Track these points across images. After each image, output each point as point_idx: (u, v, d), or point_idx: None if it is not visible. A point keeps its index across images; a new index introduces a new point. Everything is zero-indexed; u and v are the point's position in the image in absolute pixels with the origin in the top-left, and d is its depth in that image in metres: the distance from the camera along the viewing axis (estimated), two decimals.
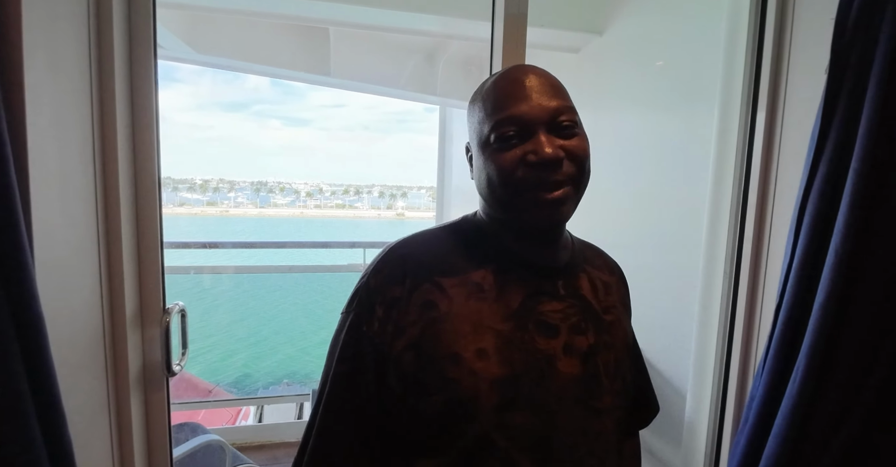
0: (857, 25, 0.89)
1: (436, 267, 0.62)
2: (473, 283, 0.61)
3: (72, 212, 0.79)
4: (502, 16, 0.99)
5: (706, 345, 1.34)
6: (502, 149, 0.59)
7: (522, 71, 0.62)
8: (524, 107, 0.58)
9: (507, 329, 0.60)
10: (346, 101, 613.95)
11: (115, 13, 0.85)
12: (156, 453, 0.94)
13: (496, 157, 0.59)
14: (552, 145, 0.57)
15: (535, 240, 0.65)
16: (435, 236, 0.67)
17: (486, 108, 0.61)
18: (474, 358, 0.57)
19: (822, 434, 0.89)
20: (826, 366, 0.88)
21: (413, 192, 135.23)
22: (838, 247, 0.87)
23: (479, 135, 0.62)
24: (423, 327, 0.58)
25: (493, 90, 0.61)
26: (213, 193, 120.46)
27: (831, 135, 0.91)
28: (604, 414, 0.63)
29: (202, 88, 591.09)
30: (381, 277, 0.61)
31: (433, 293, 0.60)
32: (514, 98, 0.59)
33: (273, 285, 5.91)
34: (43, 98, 0.71)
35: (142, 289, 0.93)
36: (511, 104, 0.59)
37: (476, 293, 0.61)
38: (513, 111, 0.58)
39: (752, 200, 1.18)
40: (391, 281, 0.60)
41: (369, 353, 0.59)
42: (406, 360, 0.58)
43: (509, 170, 0.58)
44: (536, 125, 0.58)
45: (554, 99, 0.59)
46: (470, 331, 0.59)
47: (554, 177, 0.58)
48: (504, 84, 0.61)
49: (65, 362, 0.74)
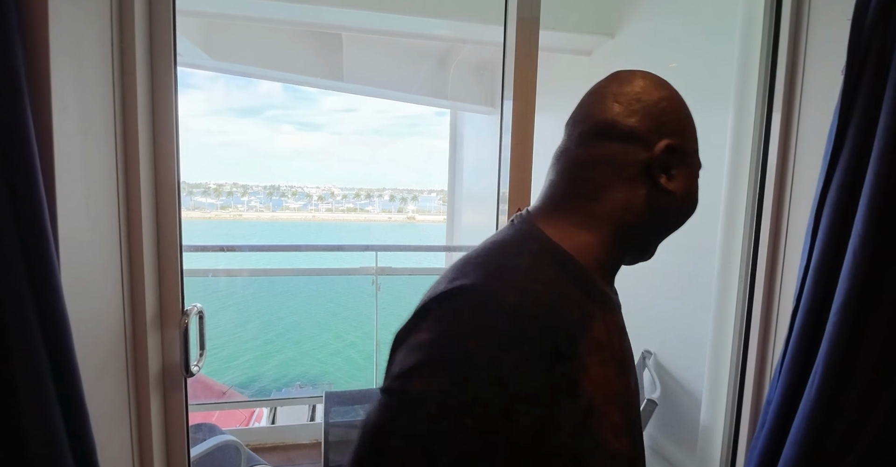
0: (874, 25, 0.88)
1: (564, 319, 0.45)
2: (598, 342, 0.47)
3: (95, 218, 0.81)
4: (515, 19, 0.99)
5: (721, 349, 1.32)
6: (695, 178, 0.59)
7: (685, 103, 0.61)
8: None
9: (623, 387, 0.49)
10: (358, 106, 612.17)
11: (137, 24, 0.87)
12: (174, 452, 0.96)
13: (695, 183, 0.60)
14: None
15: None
16: (539, 266, 0.48)
17: (689, 125, 0.59)
18: (613, 437, 0.46)
19: (841, 440, 0.87)
20: (844, 371, 0.87)
21: (424, 196, 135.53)
22: (857, 250, 0.86)
23: (691, 152, 0.58)
24: (575, 424, 0.43)
25: (684, 106, 0.60)
26: (227, 197, 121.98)
27: (848, 137, 0.90)
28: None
29: (216, 94, 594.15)
30: (524, 350, 0.42)
31: (575, 369, 0.44)
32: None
33: (286, 288, 5.97)
34: (69, 108, 0.73)
35: (161, 292, 0.95)
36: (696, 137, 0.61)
37: (605, 354, 0.47)
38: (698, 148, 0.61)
39: (768, 203, 1.17)
40: (542, 353, 0.42)
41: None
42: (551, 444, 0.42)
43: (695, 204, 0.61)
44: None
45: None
46: (604, 401, 0.45)
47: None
48: (687, 112, 0.60)
49: (88, 363, 0.76)
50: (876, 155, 0.85)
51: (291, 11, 2.17)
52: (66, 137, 0.73)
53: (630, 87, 0.56)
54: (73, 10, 0.74)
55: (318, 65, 3.14)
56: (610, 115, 0.54)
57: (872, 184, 0.85)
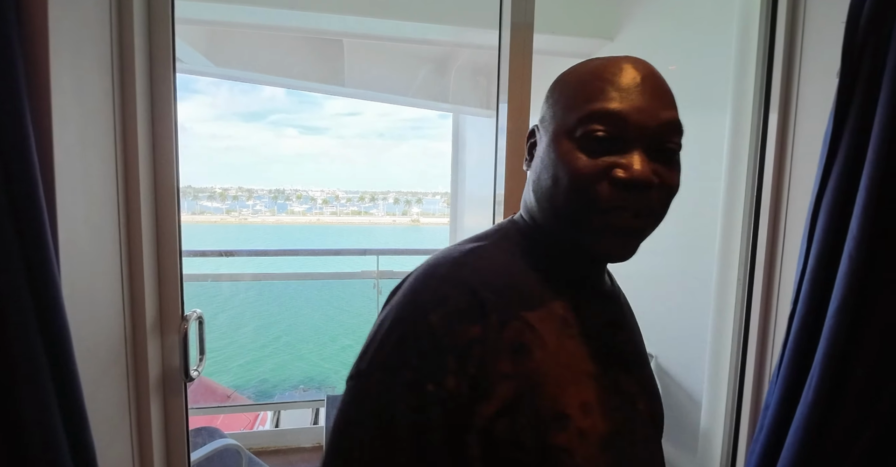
0: (868, 28, 0.88)
1: (517, 297, 0.47)
2: (559, 317, 0.48)
3: (95, 225, 0.83)
4: (509, 25, 1.00)
5: (721, 352, 1.32)
6: (585, 151, 0.46)
7: (638, 65, 0.48)
8: (628, 106, 0.45)
9: (598, 372, 0.48)
10: (361, 109, 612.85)
11: (137, 32, 0.89)
12: (175, 455, 0.97)
13: (575, 157, 0.46)
14: (647, 166, 0.45)
15: (591, 264, 0.54)
16: (496, 252, 0.51)
17: (579, 91, 0.48)
18: (581, 414, 0.45)
19: (839, 442, 0.87)
20: (841, 374, 0.87)
21: (428, 199, 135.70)
22: (852, 252, 0.86)
23: (559, 120, 0.49)
24: (520, 383, 0.44)
25: (594, 73, 0.48)
26: (233, 201, 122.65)
27: (844, 140, 0.90)
28: (660, 446, 0.57)
29: (220, 99, 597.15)
30: (449, 311, 0.44)
31: (524, 334, 0.45)
32: (620, 90, 0.46)
33: (288, 292, 6.00)
34: (69, 116, 0.75)
35: (161, 297, 0.96)
36: (613, 97, 0.45)
37: (565, 329, 0.48)
38: (613, 106, 0.45)
39: (766, 206, 1.17)
40: (467, 317, 0.44)
41: (438, 424, 0.42)
42: (500, 430, 0.43)
43: (586, 179, 0.46)
44: (637, 134, 0.46)
45: (667, 109, 0.47)
46: (570, 380, 0.46)
47: (636, 204, 0.46)
48: (611, 70, 0.47)
49: (88, 368, 0.77)
50: (871, 158, 0.85)
51: (293, 19, 2.19)
52: (65, 145, 0.74)
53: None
54: (72, 19, 0.76)
55: (320, 70, 3.17)
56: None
57: (868, 188, 0.85)
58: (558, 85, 0.52)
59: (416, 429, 0.42)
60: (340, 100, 61.69)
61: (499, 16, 1.05)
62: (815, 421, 0.89)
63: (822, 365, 0.88)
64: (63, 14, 0.72)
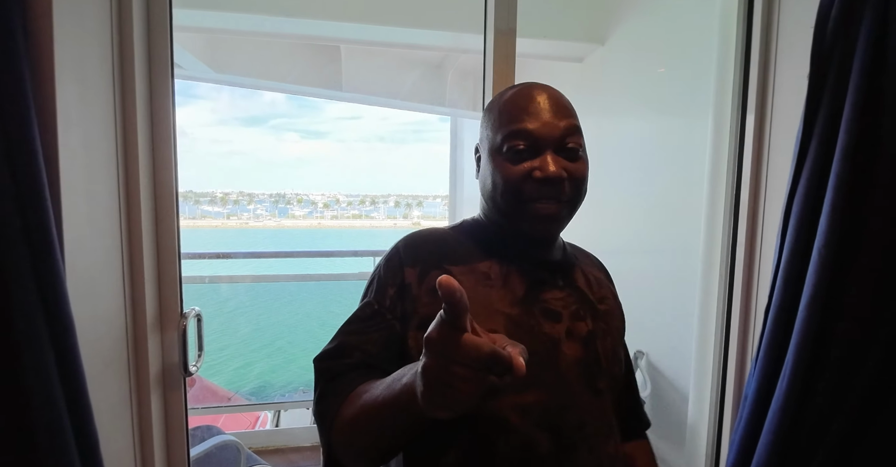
0: (835, 32, 0.92)
1: (445, 256, 0.67)
2: (481, 272, 0.66)
3: (98, 224, 0.87)
4: (493, 31, 1.05)
5: (705, 348, 1.35)
6: (511, 161, 0.64)
7: (539, 89, 0.66)
8: (537, 124, 0.63)
9: (515, 313, 0.64)
10: (362, 113, 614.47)
11: (136, 41, 0.93)
12: (174, 446, 1.00)
13: (505, 167, 0.64)
14: (557, 165, 0.63)
15: (531, 241, 0.70)
16: (442, 231, 0.73)
17: (501, 118, 0.66)
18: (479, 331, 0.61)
19: (813, 430, 0.90)
20: (814, 364, 0.90)
21: (429, 201, 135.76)
22: (822, 248, 0.90)
23: (490, 141, 0.67)
24: (435, 308, 0.57)
25: (510, 102, 0.66)
26: (234, 206, 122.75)
27: (813, 140, 0.94)
28: (604, 395, 0.68)
29: (221, 104, 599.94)
30: (392, 264, 0.67)
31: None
32: (529, 113, 0.64)
33: (287, 294, 6.03)
34: (73, 123, 0.79)
35: (161, 295, 1.00)
36: (525, 119, 0.63)
37: (484, 281, 0.65)
38: (526, 125, 0.63)
39: (744, 206, 1.21)
40: (400, 266, 0.66)
41: (383, 320, 0.65)
42: (422, 335, 0.59)
43: (514, 182, 0.64)
44: (546, 143, 0.63)
45: (564, 119, 0.64)
46: (481, 313, 0.62)
47: (554, 194, 0.63)
48: (521, 99, 0.65)
49: (92, 362, 0.81)
50: (838, 157, 0.89)
51: (290, 26, 2.24)
52: (70, 151, 0.78)
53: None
54: (76, 31, 0.80)
55: (318, 75, 3.21)
56: None
57: (835, 186, 0.89)
58: (487, 113, 0.70)
59: (375, 326, 0.64)
60: (341, 104, 62.91)
61: (484, 22, 1.09)
62: (789, 409, 0.92)
63: (795, 356, 0.92)
64: (66, 25, 0.76)
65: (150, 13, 0.97)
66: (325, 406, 0.60)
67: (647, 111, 1.99)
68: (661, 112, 1.89)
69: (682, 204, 1.64)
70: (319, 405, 0.62)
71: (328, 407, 0.60)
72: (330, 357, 0.64)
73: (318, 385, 0.64)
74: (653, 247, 1.89)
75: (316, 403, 0.63)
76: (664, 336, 1.78)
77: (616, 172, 2.18)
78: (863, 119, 0.87)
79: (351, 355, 0.63)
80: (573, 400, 0.64)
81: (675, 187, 1.72)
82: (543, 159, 0.63)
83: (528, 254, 0.70)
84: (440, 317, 0.43)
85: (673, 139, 1.77)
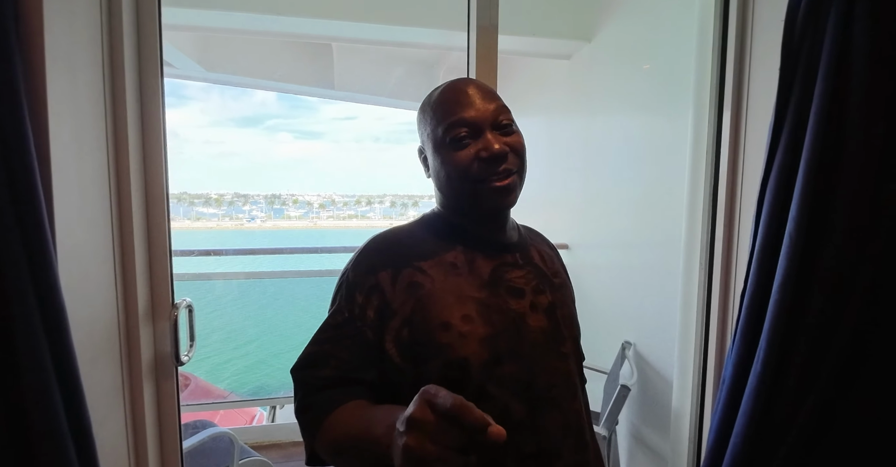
0: (804, 25, 0.95)
1: (413, 253, 0.72)
2: (448, 263, 0.72)
3: (89, 216, 0.89)
4: (475, 27, 1.07)
5: (687, 335, 1.39)
6: (457, 149, 0.70)
7: (465, 82, 0.73)
8: (472, 110, 0.69)
9: (483, 296, 0.70)
10: (357, 113, 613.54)
11: (126, 38, 0.95)
12: (167, 433, 1.03)
13: (453, 156, 0.70)
14: (498, 142, 0.69)
15: (490, 224, 0.76)
16: (405, 229, 0.78)
17: (437, 114, 0.72)
18: (462, 323, 0.67)
19: (786, 409, 0.94)
20: (785, 345, 0.93)
21: (424, 201, 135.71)
22: (792, 233, 0.93)
23: (433, 138, 0.73)
24: (413, 305, 0.67)
25: (442, 99, 0.72)
26: (229, 207, 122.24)
27: (784, 132, 0.97)
28: (568, 358, 0.75)
29: (211, 104, 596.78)
30: (361, 269, 0.71)
31: (416, 275, 0.69)
32: (462, 104, 0.70)
33: (280, 291, 6.04)
34: (64, 118, 0.81)
35: (152, 285, 1.02)
36: (460, 109, 0.70)
37: (452, 270, 0.71)
38: (463, 115, 0.69)
39: (722, 197, 1.24)
40: (370, 271, 0.70)
41: (354, 327, 0.69)
42: (403, 335, 0.67)
43: (466, 166, 0.69)
44: (483, 125, 0.69)
45: (493, 102, 0.71)
46: (454, 301, 0.68)
47: (503, 168, 0.69)
48: (451, 93, 0.72)
49: (84, 350, 0.83)
50: (807, 147, 0.92)
51: (281, 24, 2.25)
52: (61, 145, 0.80)
53: None
54: (66, 26, 0.82)
55: (310, 74, 3.23)
56: None
57: (804, 175, 0.92)
58: (422, 114, 0.76)
59: (346, 334, 0.68)
60: (337, 104, 62.04)
61: (467, 19, 1.12)
62: (764, 390, 0.95)
63: (768, 338, 0.95)
64: (57, 22, 0.79)
65: (139, 10, 0.99)
66: (307, 420, 0.67)
67: (632, 108, 2.03)
68: (645, 108, 1.93)
69: (665, 198, 1.68)
70: (304, 416, 0.67)
71: (310, 423, 0.66)
72: (306, 366, 0.69)
73: (298, 395, 0.68)
74: (638, 241, 1.92)
75: (298, 414, 0.68)
76: (650, 326, 1.82)
77: (602, 168, 2.21)
78: (831, 110, 0.90)
79: (327, 363, 0.68)
80: (542, 366, 0.70)
81: (658, 182, 1.75)
82: (485, 139, 0.68)
83: (488, 238, 0.75)
84: (422, 397, 0.45)
85: (656, 135, 1.81)
